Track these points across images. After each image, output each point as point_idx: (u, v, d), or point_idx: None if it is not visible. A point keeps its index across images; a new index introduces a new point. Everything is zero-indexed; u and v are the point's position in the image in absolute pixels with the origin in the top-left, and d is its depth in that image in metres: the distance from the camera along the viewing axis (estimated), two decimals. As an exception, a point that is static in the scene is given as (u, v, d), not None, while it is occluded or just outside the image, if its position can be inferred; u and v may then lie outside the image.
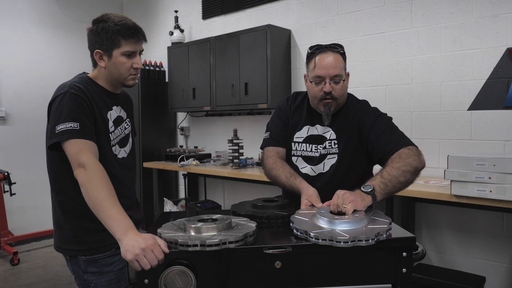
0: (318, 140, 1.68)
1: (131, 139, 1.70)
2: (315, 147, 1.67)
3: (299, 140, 1.71)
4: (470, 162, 2.19)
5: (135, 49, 1.52)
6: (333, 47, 1.62)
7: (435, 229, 3.06)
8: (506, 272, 2.79)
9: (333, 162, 1.64)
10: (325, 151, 1.65)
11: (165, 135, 4.96)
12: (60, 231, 1.54)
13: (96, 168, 1.31)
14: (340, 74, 1.58)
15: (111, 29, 1.47)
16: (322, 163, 1.66)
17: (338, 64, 1.59)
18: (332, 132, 1.65)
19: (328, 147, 1.65)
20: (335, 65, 1.57)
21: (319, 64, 1.59)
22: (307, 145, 1.69)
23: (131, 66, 1.52)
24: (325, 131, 1.67)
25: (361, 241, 1.09)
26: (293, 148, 1.72)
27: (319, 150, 1.66)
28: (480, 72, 2.82)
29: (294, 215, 1.31)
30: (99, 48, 1.49)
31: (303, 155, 1.70)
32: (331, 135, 1.65)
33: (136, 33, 1.51)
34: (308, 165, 1.68)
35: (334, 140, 1.65)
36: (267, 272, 1.12)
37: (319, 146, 1.66)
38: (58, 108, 1.41)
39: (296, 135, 1.72)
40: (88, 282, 1.52)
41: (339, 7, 3.53)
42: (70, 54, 5.05)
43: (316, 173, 1.66)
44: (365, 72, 3.38)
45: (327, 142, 1.65)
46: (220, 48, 4.07)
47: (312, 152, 1.68)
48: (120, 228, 1.19)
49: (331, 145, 1.65)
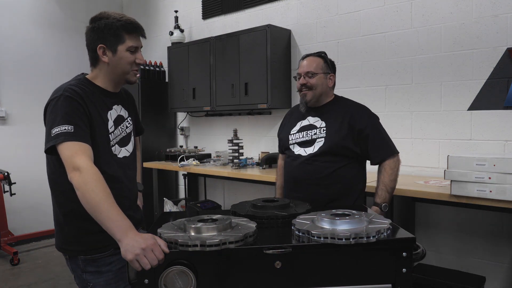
0: (308, 127, 2.08)
1: (133, 138, 1.70)
2: (305, 133, 2.07)
3: (294, 131, 2.13)
4: (470, 162, 2.19)
5: (138, 44, 1.55)
6: (316, 54, 2.09)
7: (435, 229, 3.06)
8: (506, 272, 2.79)
9: (321, 144, 2.00)
10: (315, 136, 2.03)
11: (165, 135, 4.96)
12: (60, 232, 1.54)
13: (91, 170, 1.31)
14: (311, 71, 2.02)
15: (114, 25, 1.48)
16: (312, 146, 2.03)
17: (312, 63, 2.04)
18: (322, 121, 2.05)
19: (318, 133, 2.03)
20: (308, 64, 2.04)
21: (299, 65, 2.10)
22: (299, 133, 2.10)
23: (134, 61, 1.53)
24: (315, 121, 2.07)
25: (362, 238, 1.10)
26: (290, 139, 2.13)
27: (309, 135, 2.05)
28: (480, 72, 2.82)
29: (296, 219, 1.31)
30: (103, 43, 1.49)
31: (297, 141, 2.09)
32: (321, 124, 2.04)
33: (138, 29, 1.54)
34: (301, 148, 2.07)
35: (323, 128, 2.02)
36: (267, 272, 1.12)
37: (309, 131, 2.06)
38: (52, 111, 1.41)
39: (292, 130, 2.15)
40: (86, 282, 1.52)
41: (339, 7, 3.53)
42: (70, 54, 5.04)
43: (307, 153, 2.02)
44: (365, 72, 3.38)
45: (317, 129, 2.04)
46: (220, 48, 4.07)
47: (303, 138, 2.07)
48: (119, 229, 1.19)
49: (321, 131, 2.02)
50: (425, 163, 3.07)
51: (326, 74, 2.05)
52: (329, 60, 2.09)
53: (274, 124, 4.04)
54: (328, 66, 2.07)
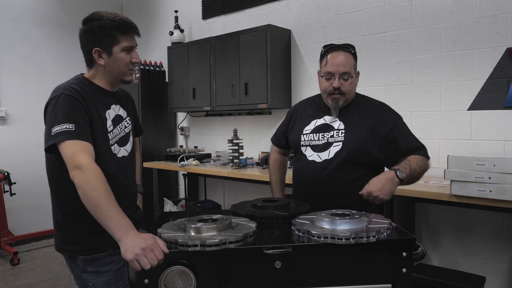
0: (325, 128, 1.80)
1: (132, 138, 1.70)
2: (321, 135, 1.79)
3: (308, 131, 1.84)
4: (470, 162, 2.19)
5: (133, 43, 1.54)
6: (345, 47, 1.75)
7: (435, 229, 3.06)
8: (506, 272, 2.79)
9: (338, 150, 1.73)
10: (332, 139, 1.76)
11: (165, 135, 4.96)
12: (60, 232, 1.54)
13: (92, 169, 1.30)
14: (349, 72, 1.72)
15: (108, 26, 1.47)
16: (327, 150, 1.75)
17: (348, 62, 1.72)
18: (341, 122, 1.77)
19: (335, 135, 1.76)
20: (345, 63, 1.71)
21: (331, 61, 1.73)
22: (314, 134, 1.81)
23: (130, 61, 1.53)
24: (333, 121, 1.80)
25: (362, 238, 1.10)
26: (302, 139, 1.84)
27: (325, 137, 1.78)
28: (480, 72, 2.82)
29: (296, 219, 1.31)
30: (97, 46, 1.49)
31: (311, 144, 1.81)
32: (340, 125, 1.77)
33: (132, 28, 1.53)
34: (314, 153, 1.79)
35: (342, 130, 1.76)
36: (267, 272, 1.12)
37: (325, 133, 1.78)
38: (53, 110, 1.40)
39: (305, 129, 1.85)
40: (86, 282, 1.52)
41: (339, 7, 3.52)
42: (70, 54, 5.04)
43: (322, 159, 1.75)
44: (365, 72, 3.38)
45: (334, 131, 1.77)
46: (220, 48, 4.07)
47: (318, 140, 1.79)
48: (119, 229, 1.19)
49: (338, 134, 1.76)
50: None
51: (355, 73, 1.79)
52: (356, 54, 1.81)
53: (274, 124, 4.04)
54: (356, 62, 1.80)
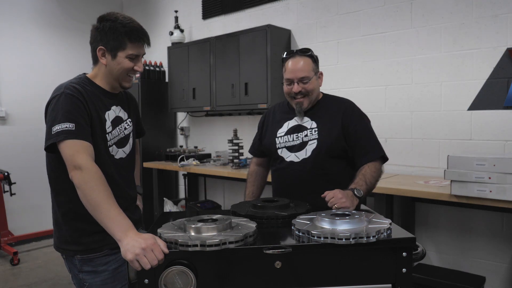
0: (298, 129, 1.85)
1: (132, 139, 1.69)
2: (296, 136, 1.85)
3: (282, 134, 1.90)
4: (470, 162, 2.19)
5: (139, 52, 1.53)
6: (303, 51, 1.83)
7: (435, 229, 3.06)
8: (506, 272, 2.79)
9: (314, 147, 1.79)
10: (306, 138, 1.82)
11: (165, 135, 4.96)
12: (58, 231, 1.54)
13: (92, 169, 1.30)
14: (307, 76, 1.79)
15: (118, 30, 1.47)
16: (304, 149, 1.81)
17: (306, 67, 1.79)
18: (313, 122, 1.84)
19: (309, 134, 1.82)
20: (302, 68, 1.79)
21: (288, 68, 1.83)
22: (288, 136, 1.87)
23: (132, 68, 1.52)
24: (305, 121, 1.86)
25: (362, 238, 1.10)
26: (277, 142, 1.89)
27: (300, 137, 1.83)
28: (480, 72, 2.82)
29: (296, 219, 1.31)
30: (103, 46, 1.49)
31: (286, 145, 1.86)
32: (312, 124, 1.83)
33: (143, 37, 1.52)
34: (291, 153, 1.84)
35: (315, 128, 1.82)
36: (267, 272, 1.12)
37: (299, 134, 1.84)
38: (54, 109, 1.40)
39: (279, 132, 1.91)
40: (83, 281, 1.52)
41: (339, 7, 3.52)
42: (70, 54, 5.04)
43: (300, 159, 1.81)
44: (365, 72, 3.38)
45: (308, 131, 1.83)
46: (220, 48, 4.07)
47: (293, 141, 1.85)
48: (119, 229, 1.18)
49: (312, 132, 1.82)
50: (425, 163, 3.06)
51: (316, 74, 1.84)
52: (315, 56, 1.86)
53: (274, 124, 4.03)
54: (316, 63, 1.85)
